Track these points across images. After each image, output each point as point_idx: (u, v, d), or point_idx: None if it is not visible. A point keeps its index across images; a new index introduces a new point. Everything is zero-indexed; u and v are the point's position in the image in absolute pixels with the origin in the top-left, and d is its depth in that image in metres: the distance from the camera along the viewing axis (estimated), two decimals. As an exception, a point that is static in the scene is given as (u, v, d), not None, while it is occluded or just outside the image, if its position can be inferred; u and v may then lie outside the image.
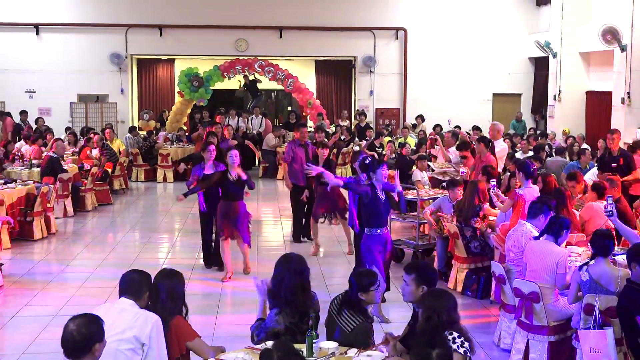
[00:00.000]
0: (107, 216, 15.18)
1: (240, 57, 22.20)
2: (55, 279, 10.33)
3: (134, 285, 5.14)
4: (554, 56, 20.58)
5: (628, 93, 16.90)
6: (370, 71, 23.81)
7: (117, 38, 23.03)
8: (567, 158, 15.09)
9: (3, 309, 9.09)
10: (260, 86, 23.78)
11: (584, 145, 16.82)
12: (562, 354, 7.09)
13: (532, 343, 7.16)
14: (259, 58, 21.97)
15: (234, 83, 23.87)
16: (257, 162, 21.61)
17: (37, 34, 22.80)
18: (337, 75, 25.04)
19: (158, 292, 5.24)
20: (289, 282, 5.43)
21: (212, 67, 21.90)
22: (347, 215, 10.97)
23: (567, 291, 7.07)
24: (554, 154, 15.54)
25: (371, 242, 8.36)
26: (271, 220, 14.88)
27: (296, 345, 5.20)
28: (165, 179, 19.68)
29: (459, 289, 9.71)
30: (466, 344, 4.54)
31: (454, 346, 4.43)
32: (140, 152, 19.72)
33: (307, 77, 23.96)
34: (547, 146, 16.59)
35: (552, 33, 20.80)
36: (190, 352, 5.33)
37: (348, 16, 23.39)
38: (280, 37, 23.46)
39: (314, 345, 4.98)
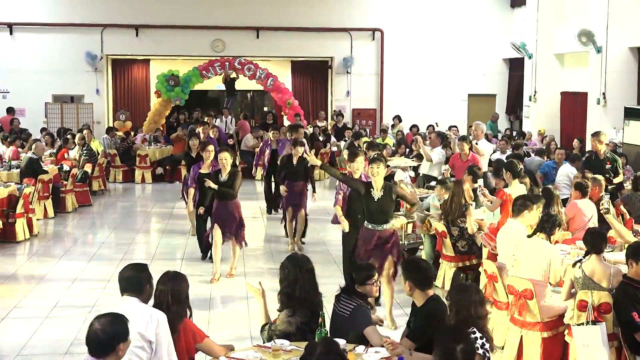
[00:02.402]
0: (88, 217, 15.09)
1: (218, 58, 22.17)
2: (42, 281, 10.27)
3: (133, 281, 5.12)
4: (530, 57, 20.83)
5: (603, 94, 17.18)
6: (347, 72, 23.91)
7: (92, 38, 22.84)
8: (546, 158, 15.31)
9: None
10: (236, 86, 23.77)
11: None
12: (555, 350, 7.21)
13: (526, 339, 7.27)
14: (238, 57, 21.95)
15: (210, 84, 23.79)
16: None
17: (11, 33, 22.55)
18: (313, 75, 25.08)
19: (163, 296, 5.22)
20: (302, 281, 5.48)
21: (189, 68, 21.84)
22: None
23: (560, 288, 7.21)
24: (531, 154, 15.74)
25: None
26: (251, 220, 14.80)
27: (305, 344, 5.26)
28: (143, 180, 19.60)
29: (447, 287, 9.80)
30: (486, 345, 4.62)
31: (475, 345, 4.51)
32: (118, 153, 19.62)
33: (283, 78, 23.95)
34: (524, 145, 16.84)
35: (528, 34, 21.05)
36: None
37: (325, 17, 23.46)
38: (257, 37, 23.45)
39: (322, 342, 5.00)
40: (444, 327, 4.39)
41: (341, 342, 5.21)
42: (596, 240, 6.78)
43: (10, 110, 21.48)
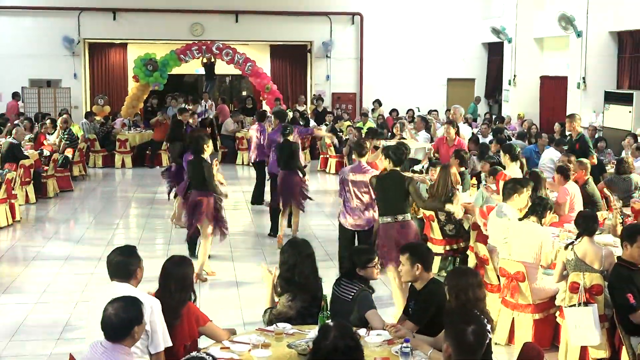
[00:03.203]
0: (70, 202, 14.97)
1: (196, 41, 22.04)
2: (29, 266, 10.19)
3: (121, 266, 5.05)
4: (509, 41, 20.93)
5: (583, 78, 17.33)
6: (327, 56, 23.86)
7: (69, 21, 22.56)
8: (527, 142, 15.42)
9: (-21, 297, 8.94)
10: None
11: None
12: (546, 331, 7.32)
13: (518, 321, 7.37)
14: (216, 41, 21.83)
15: (187, 67, 23.61)
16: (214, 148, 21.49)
17: (-14, 17, 22.25)
18: (292, 60, 25.00)
19: (167, 281, 5.20)
20: (302, 266, 5.50)
21: (167, 52, 21.68)
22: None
23: (552, 270, 7.30)
24: (513, 138, 15.85)
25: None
26: (232, 206, 14.69)
27: (306, 327, 5.30)
28: (123, 165, 19.48)
29: (435, 270, 9.85)
30: (488, 326, 4.67)
31: None
32: (97, 137, 19.46)
33: (262, 62, 23.84)
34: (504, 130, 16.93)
35: (507, 18, 21.14)
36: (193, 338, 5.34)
37: (304, 1, 23.38)
38: (236, 21, 23.32)
39: (326, 325, 5.03)
40: (454, 309, 4.43)
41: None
42: (588, 223, 6.86)
43: (15, 95, 21.49)
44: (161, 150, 19.43)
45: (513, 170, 9.62)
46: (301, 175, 11.46)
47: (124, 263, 5.06)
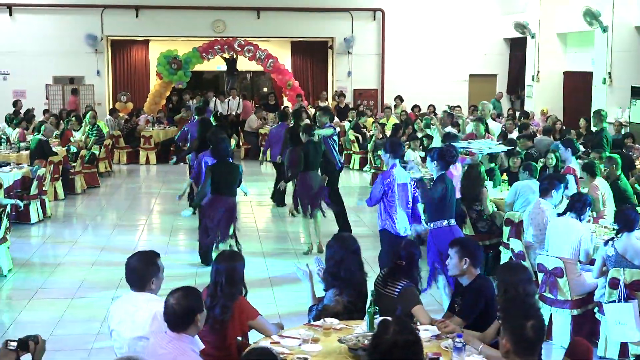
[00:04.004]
0: (98, 199, 15.09)
1: (218, 38, 22.10)
2: (62, 262, 10.28)
3: (136, 275, 4.94)
4: (532, 37, 20.85)
5: (609, 73, 17.25)
6: (348, 52, 23.84)
7: (92, 19, 22.63)
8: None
9: (16, 292, 9.02)
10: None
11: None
12: (584, 327, 7.30)
13: (556, 317, 7.37)
14: (238, 38, 21.88)
15: (208, 64, 23.66)
16: (236, 145, 21.56)
17: (11, 14, 22.33)
18: (312, 56, 25.00)
19: (218, 275, 5.22)
20: (349, 261, 5.52)
21: (189, 49, 21.77)
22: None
23: (590, 266, 7.29)
24: (538, 134, 15.78)
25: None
26: (256, 201, 14.76)
27: (353, 322, 5.33)
28: (148, 161, 19.58)
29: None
30: None
31: None
32: (122, 134, 19.57)
33: (282, 59, 23.85)
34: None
35: (530, 14, 21.05)
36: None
37: (326, -3, 23.40)
38: (258, 17, 23.30)
39: (375, 320, 5.06)
40: (513, 303, 4.44)
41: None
42: (628, 219, 6.86)
43: (74, 92, 21.88)
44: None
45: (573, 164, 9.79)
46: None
47: (137, 270, 4.94)
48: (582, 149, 12.76)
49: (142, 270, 4.94)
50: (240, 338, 5.26)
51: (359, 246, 5.71)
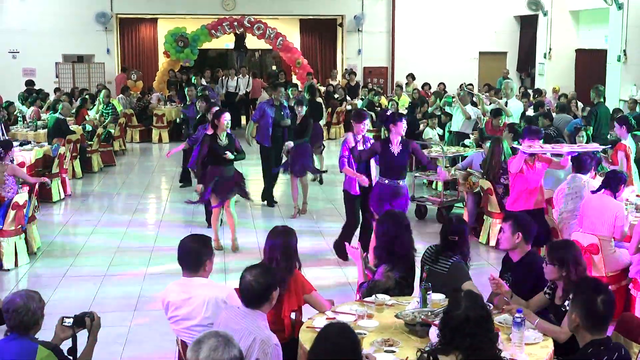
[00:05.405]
0: (115, 177, 15.12)
1: (227, 16, 22.02)
2: (90, 240, 10.31)
3: (192, 256, 4.92)
4: (545, 14, 20.79)
5: (624, 50, 17.21)
6: (359, 30, 23.77)
7: (102, -3, 22.61)
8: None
9: (48, 270, 9.06)
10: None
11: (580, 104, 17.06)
12: (619, 303, 7.35)
13: (590, 293, 7.41)
14: (247, 15, 21.81)
15: (216, 42, 23.57)
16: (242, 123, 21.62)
17: (20, -7, 22.28)
18: (321, 34, 24.97)
19: (273, 251, 5.27)
20: (403, 237, 5.57)
21: (197, 27, 21.71)
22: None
23: (626, 243, 7.34)
24: (553, 113, 15.77)
25: (378, 190, 8.48)
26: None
27: (403, 299, 5.38)
28: (160, 140, 19.57)
29: (492, 242, 9.91)
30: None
31: None
32: (134, 112, 19.55)
33: (291, 37, 23.81)
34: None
35: (542, -9, 21.01)
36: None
37: (336, -26, 23.29)
38: (268, -5, 23.26)
39: (427, 296, 5.11)
40: (584, 278, 4.48)
41: (440, 296, 5.32)
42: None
43: (124, 70, 22.39)
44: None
45: (628, 141, 9.77)
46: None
47: (192, 253, 4.93)
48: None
49: (198, 251, 4.94)
50: (294, 313, 5.30)
51: (409, 222, 5.76)
